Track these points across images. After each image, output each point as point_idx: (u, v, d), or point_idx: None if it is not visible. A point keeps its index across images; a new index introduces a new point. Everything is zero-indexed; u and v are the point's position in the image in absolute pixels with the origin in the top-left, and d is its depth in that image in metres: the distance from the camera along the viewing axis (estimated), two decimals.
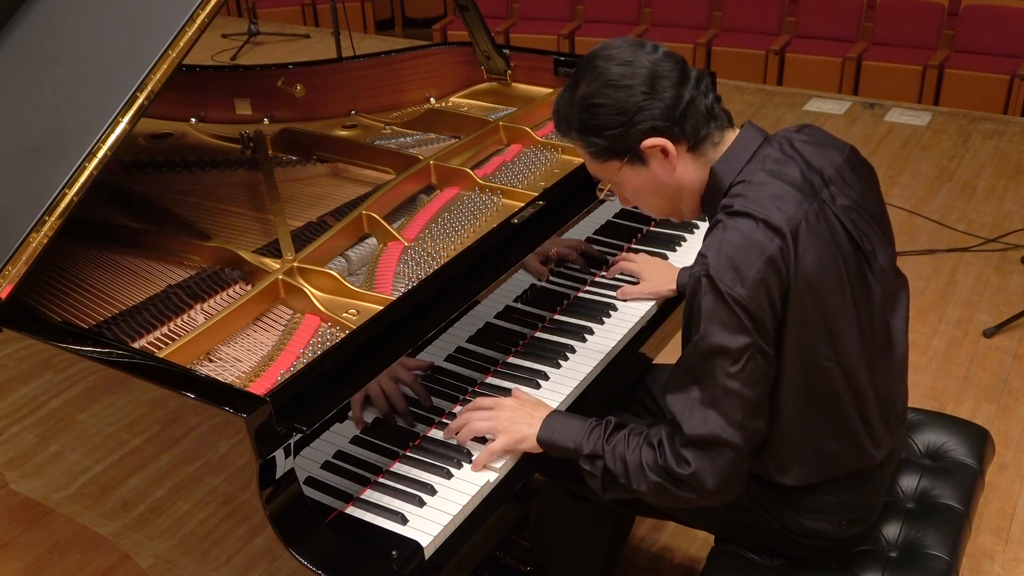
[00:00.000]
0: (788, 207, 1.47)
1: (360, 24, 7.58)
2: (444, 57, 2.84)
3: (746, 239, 1.45)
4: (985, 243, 4.09)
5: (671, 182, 1.57)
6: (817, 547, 1.72)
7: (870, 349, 1.59)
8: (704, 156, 1.56)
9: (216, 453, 1.44)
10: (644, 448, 1.55)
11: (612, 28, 6.56)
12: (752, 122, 1.60)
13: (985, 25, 5.67)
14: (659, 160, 1.54)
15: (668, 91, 1.49)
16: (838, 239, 1.51)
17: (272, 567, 1.45)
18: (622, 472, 1.56)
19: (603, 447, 1.58)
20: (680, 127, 1.51)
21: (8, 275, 1.64)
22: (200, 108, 2.64)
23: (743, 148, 1.56)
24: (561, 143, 2.42)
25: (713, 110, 1.54)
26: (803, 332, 1.49)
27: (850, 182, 1.58)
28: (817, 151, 1.58)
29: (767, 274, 1.44)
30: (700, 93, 1.52)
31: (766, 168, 1.53)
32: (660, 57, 1.51)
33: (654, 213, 1.68)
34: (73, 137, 1.69)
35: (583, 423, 1.63)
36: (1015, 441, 2.93)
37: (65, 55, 1.90)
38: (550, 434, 1.64)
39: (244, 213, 2.20)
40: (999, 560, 2.51)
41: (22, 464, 1.84)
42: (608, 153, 1.55)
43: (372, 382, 1.59)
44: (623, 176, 1.58)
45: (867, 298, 1.57)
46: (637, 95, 1.49)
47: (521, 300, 1.95)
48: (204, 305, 1.85)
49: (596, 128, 1.52)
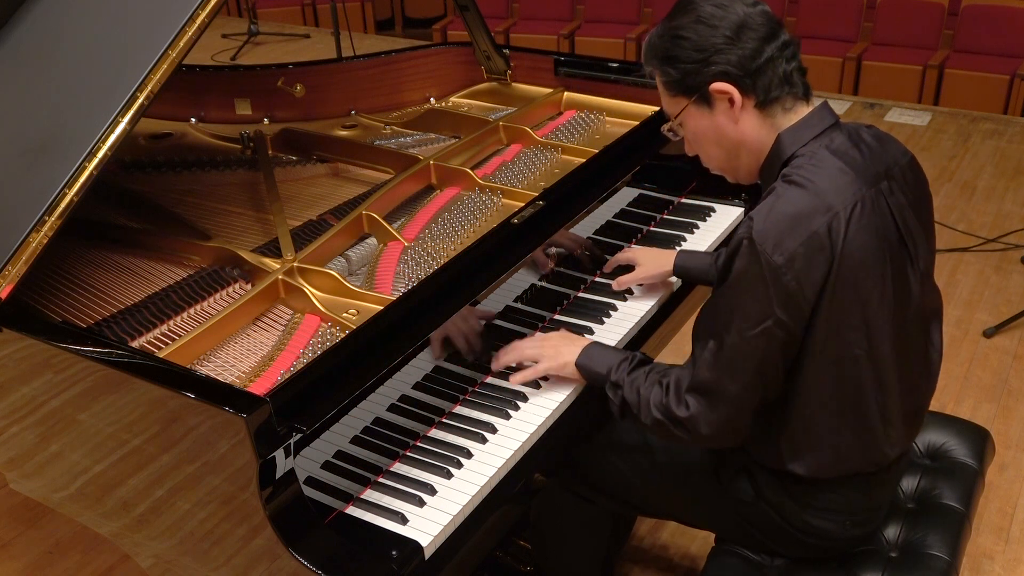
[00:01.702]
0: (846, 188, 1.49)
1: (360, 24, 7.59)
2: (444, 57, 2.84)
3: (796, 211, 1.47)
4: (985, 243, 4.09)
5: (733, 134, 1.59)
6: (818, 547, 1.72)
7: (902, 348, 1.59)
8: (772, 119, 1.57)
9: (216, 453, 1.44)
10: (655, 387, 1.65)
11: (612, 28, 6.57)
12: (828, 103, 1.61)
13: (985, 25, 5.68)
14: (725, 107, 1.56)
15: (750, 43, 1.52)
16: (888, 232, 1.53)
17: (272, 567, 1.45)
18: (635, 403, 1.67)
19: (625, 378, 1.70)
20: (752, 80, 1.53)
21: (8, 275, 1.64)
22: (200, 108, 2.64)
23: (813, 124, 1.57)
24: (561, 143, 2.42)
25: (791, 77, 1.56)
26: (838, 315, 1.50)
27: (909, 184, 1.59)
28: (883, 148, 1.60)
29: (809, 249, 1.45)
30: (783, 57, 1.54)
31: (832, 148, 1.54)
32: (755, 12, 1.54)
33: (711, 164, 1.69)
34: (73, 137, 1.69)
35: (617, 355, 1.75)
36: (1015, 441, 2.93)
37: (65, 55, 1.90)
38: (588, 360, 1.76)
39: (244, 213, 2.20)
40: (999, 560, 2.51)
41: (22, 464, 1.84)
42: (679, 87, 1.58)
43: (449, 323, 1.69)
44: (688, 116, 1.61)
45: (906, 297, 1.58)
46: (719, 38, 1.52)
47: (521, 300, 1.95)
48: (204, 305, 1.85)
49: (674, 59, 1.56)
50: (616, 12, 6.68)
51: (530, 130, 2.46)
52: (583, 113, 2.62)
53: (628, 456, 1.85)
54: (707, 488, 1.78)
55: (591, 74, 2.67)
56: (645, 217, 2.35)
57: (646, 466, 1.83)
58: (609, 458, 1.86)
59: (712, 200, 2.45)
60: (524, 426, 1.71)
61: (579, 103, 2.67)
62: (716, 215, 2.39)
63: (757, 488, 1.70)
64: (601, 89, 2.64)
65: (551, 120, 2.62)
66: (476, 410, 1.76)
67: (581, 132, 2.53)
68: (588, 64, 2.69)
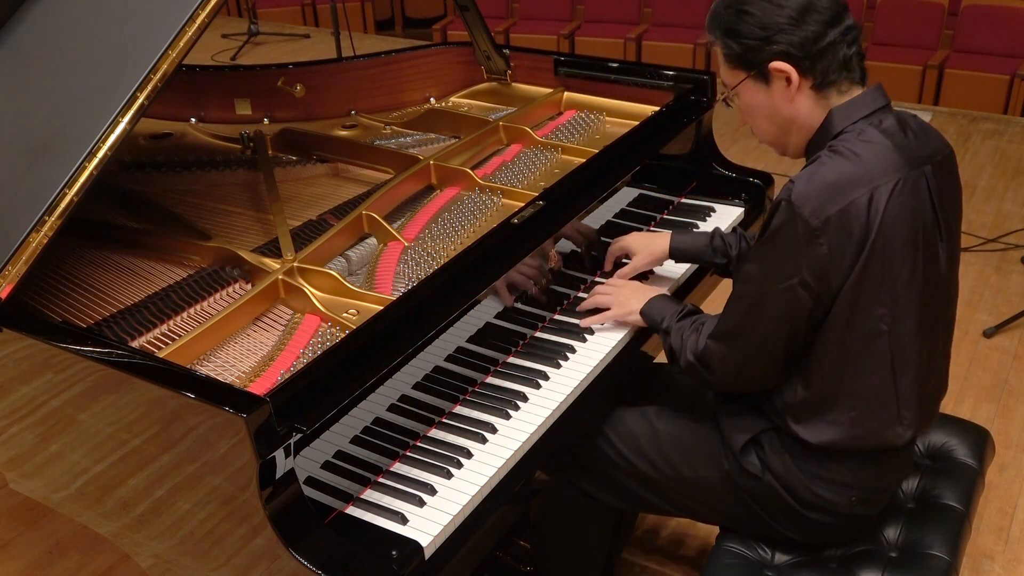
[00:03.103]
0: (890, 165, 1.52)
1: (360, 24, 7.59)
2: (444, 57, 2.84)
3: (837, 178, 1.50)
4: (985, 243, 4.09)
5: (786, 112, 1.62)
6: (822, 524, 1.72)
7: (926, 330, 1.61)
8: (826, 100, 1.60)
9: (216, 453, 1.44)
10: (693, 333, 1.75)
11: (612, 28, 6.57)
12: (881, 85, 1.63)
13: (985, 25, 5.68)
14: (781, 86, 1.59)
15: (814, 25, 1.54)
16: (925, 214, 1.55)
17: (272, 567, 1.45)
18: (678, 348, 1.78)
19: (673, 326, 1.82)
20: (811, 62, 1.56)
21: (8, 275, 1.64)
22: (200, 108, 2.64)
23: (865, 103, 1.59)
24: (561, 143, 2.42)
25: (851, 62, 1.58)
26: (869, 287, 1.53)
27: (950, 173, 1.63)
28: (928, 136, 1.62)
29: (845, 218, 1.49)
30: (845, 41, 1.56)
31: (881, 127, 1.57)
32: None
33: (761, 137, 1.73)
34: (73, 137, 1.69)
35: (673, 305, 1.88)
36: (1015, 441, 2.93)
37: (65, 55, 1.90)
38: (649, 309, 1.90)
39: (244, 213, 2.20)
40: (999, 560, 2.51)
41: (22, 464, 1.84)
42: (739, 61, 1.61)
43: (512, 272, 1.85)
44: (745, 89, 1.64)
45: (936, 278, 1.60)
46: (784, 18, 1.54)
47: (521, 300, 1.95)
48: (204, 305, 1.85)
49: (736, 33, 1.59)
50: (616, 12, 6.68)
51: (530, 130, 2.46)
52: (583, 113, 2.62)
53: (634, 445, 1.85)
54: (713, 472, 1.79)
55: (591, 74, 2.67)
56: (645, 217, 2.35)
57: (652, 454, 1.84)
58: (615, 449, 1.87)
59: (712, 200, 2.45)
60: (524, 426, 1.71)
61: (579, 103, 2.67)
62: (716, 215, 2.39)
63: (765, 460, 1.72)
64: (601, 89, 2.65)
65: (551, 120, 2.63)
66: (476, 410, 1.76)
67: (581, 132, 2.53)
68: (588, 64, 2.69)
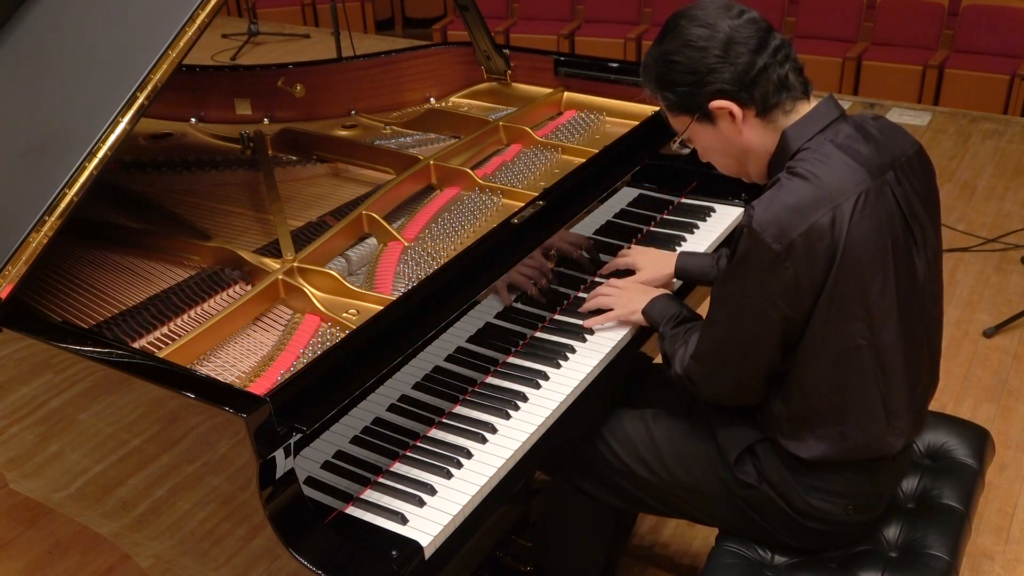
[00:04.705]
0: (848, 179, 1.51)
1: (360, 24, 7.58)
2: (444, 57, 2.84)
3: (797, 201, 1.50)
4: (985, 243, 4.09)
5: (739, 144, 1.62)
6: (819, 532, 1.72)
7: (909, 337, 1.61)
8: (773, 123, 1.60)
9: (216, 453, 1.44)
10: (683, 346, 1.76)
11: (612, 28, 6.56)
12: (833, 96, 1.63)
13: (985, 25, 5.67)
14: (727, 121, 1.59)
15: (742, 57, 1.54)
16: (892, 221, 1.55)
17: (272, 567, 1.45)
18: (670, 355, 1.80)
19: (668, 332, 1.83)
20: (749, 93, 1.56)
21: (8, 275, 1.64)
22: (200, 108, 2.64)
23: (817, 118, 1.59)
24: (561, 143, 2.42)
25: (787, 80, 1.58)
26: (840, 305, 1.53)
27: (917, 174, 1.62)
28: (889, 138, 1.61)
29: (809, 240, 1.48)
30: (775, 62, 1.56)
31: (836, 141, 1.57)
32: (742, 23, 1.56)
33: (723, 170, 1.74)
34: (73, 137, 1.69)
35: (672, 308, 1.88)
36: (1015, 441, 2.93)
37: (65, 55, 1.90)
38: (651, 309, 1.91)
39: (244, 213, 2.20)
40: (999, 560, 2.51)
41: (22, 464, 1.84)
42: (680, 108, 1.63)
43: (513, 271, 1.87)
44: (693, 132, 1.66)
45: (912, 287, 1.60)
46: (711, 58, 1.55)
47: (521, 300, 1.95)
48: (204, 305, 1.85)
49: (670, 83, 1.61)
50: (616, 12, 6.68)
51: (530, 130, 2.46)
52: (583, 113, 2.62)
53: (631, 449, 1.85)
54: (710, 478, 1.79)
55: (591, 74, 2.67)
56: (645, 217, 2.35)
57: (649, 459, 1.84)
58: (612, 452, 1.87)
59: (712, 200, 2.45)
60: (524, 426, 1.72)
61: (579, 103, 2.67)
62: (716, 215, 2.39)
63: (760, 470, 1.72)
64: (601, 89, 2.64)
65: (551, 120, 2.62)
66: (476, 410, 1.76)
67: (581, 132, 2.53)
68: (588, 64, 2.69)
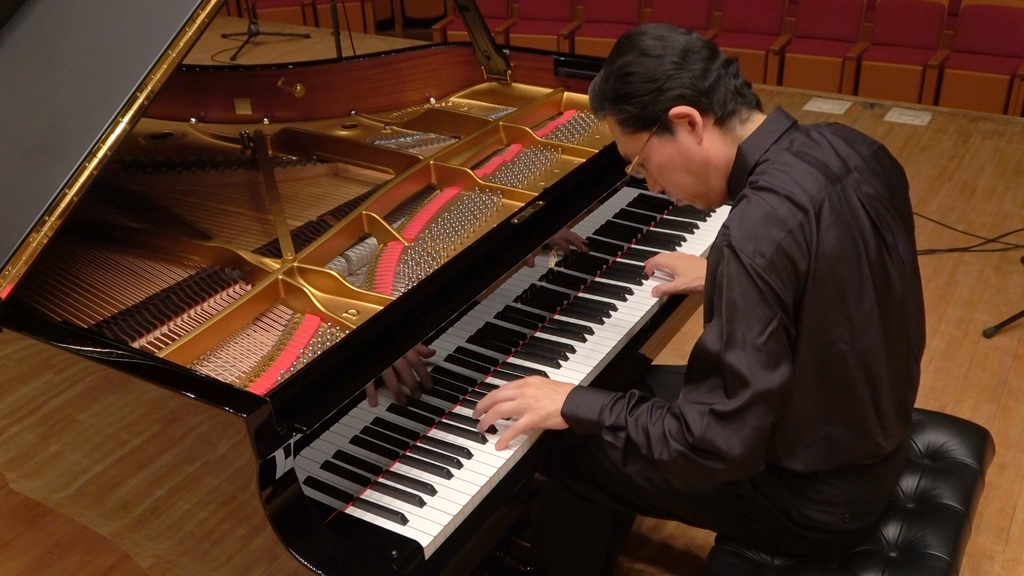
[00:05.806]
0: (812, 186, 1.51)
1: (360, 24, 7.58)
2: (444, 57, 2.84)
3: (769, 211, 1.49)
4: (985, 243, 4.09)
5: (698, 156, 1.60)
6: (818, 541, 1.72)
7: (892, 339, 1.60)
8: (731, 132, 1.59)
9: (216, 453, 1.44)
10: (668, 418, 1.54)
11: (612, 28, 6.56)
12: (782, 108, 1.64)
13: (985, 25, 5.67)
14: (686, 131, 1.58)
15: (698, 64, 1.55)
16: (860, 224, 1.54)
17: (272, 567, 1.45)
18: (644, 443, 1.56)
19: (626, 418, 1.59)
20: (708, 98, 1.56)
21: (8, 275, 1.64)
22: (200, 108, 2.64)
23: (771, 130, 1.59)
24: (561, 143, 2.42)
25: (742, 89, 1.59)
26: (820, 312, 1.52)
27: (876, 174, 1.60)
28: (845, 142, 1.61)
29: (788, 247, 1.47)
30: (729, 73, 1.58)
31: (792, 150, 1.56)
32: (693, 38, 1.59)
33: (681, 194, 1.69)
34: (73, 137, 1.69)
35: (607, 396, 1.64)
36: (1015, 441, 2.93)
37: (65, 55, 1.90)
38: (574, 408, 1.65)
39: (244, 213, 2.20)
40: (999, 560, 2.51)
41: (22, 464, 1.84)
42: (637, 122, 1.60)
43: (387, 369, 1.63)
44: (651, 149, 1.62)
45: (887, 287, 1.59)
46: (668, 64, 1.55)
47: (521, 300, 1.95)
48: (204, 305, 1.85)
49: (627, 96, 1.58)
50: (616, 12, 6.68)
51: (530, 130, 2.46)
52: (583, 113, 2.62)
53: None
54: (706, 488, 1.78)
55: (591, 74, 2.65)
56: (645, 217, 2.35)
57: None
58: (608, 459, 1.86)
59: None
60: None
61: (579, 103, 2.67)
62: (716, 216, 2.39)
63: (755, 483, 1.71)
64: None
65: (551, 120, 2.63)
66: None
67: (581, 132, 2.52)
68: (588, 64, 2.69)
